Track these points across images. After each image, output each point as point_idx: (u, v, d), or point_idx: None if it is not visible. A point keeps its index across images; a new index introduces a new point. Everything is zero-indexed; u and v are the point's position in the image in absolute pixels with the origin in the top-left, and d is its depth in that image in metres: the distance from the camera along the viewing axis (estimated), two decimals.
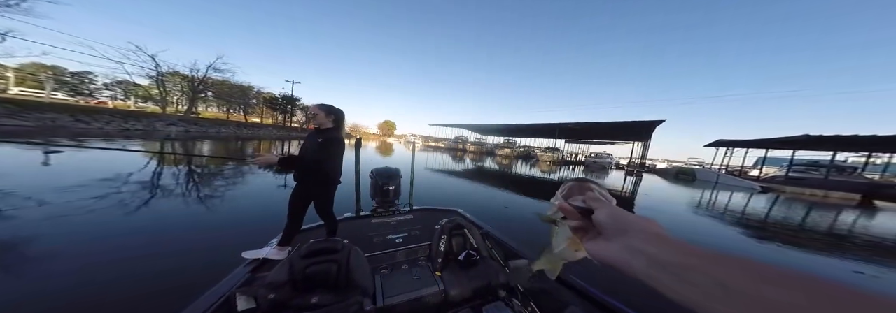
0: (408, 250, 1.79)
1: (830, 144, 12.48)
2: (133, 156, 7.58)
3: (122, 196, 3.68)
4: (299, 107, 40.26)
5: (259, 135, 25.78)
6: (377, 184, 2.27)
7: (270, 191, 4.71)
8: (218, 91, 30.69)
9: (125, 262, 2.06)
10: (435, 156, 18.58)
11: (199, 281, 1.36)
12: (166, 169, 6.21)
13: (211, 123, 23.51)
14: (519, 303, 1.39)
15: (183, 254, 2.23)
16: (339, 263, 1.36)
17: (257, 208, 3.66)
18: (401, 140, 59.42)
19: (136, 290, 1.75)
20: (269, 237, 1.77)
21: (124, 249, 2.24)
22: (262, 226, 2.87)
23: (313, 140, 1.70)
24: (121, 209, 3.20)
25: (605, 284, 1.29)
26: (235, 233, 2.71)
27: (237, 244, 1.71)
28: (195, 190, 4.51)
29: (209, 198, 3.99)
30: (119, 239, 2.41)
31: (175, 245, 2.39)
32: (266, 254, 1.56)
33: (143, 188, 4.24)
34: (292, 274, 1.26)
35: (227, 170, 6.46)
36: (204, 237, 2.61)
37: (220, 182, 5.22)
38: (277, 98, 37.31)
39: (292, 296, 1.19)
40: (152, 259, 2.13)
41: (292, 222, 1.71)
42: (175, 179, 5.13)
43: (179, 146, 10.92)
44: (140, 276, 1.90)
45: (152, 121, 17.95)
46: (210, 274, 1.40)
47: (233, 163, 7.71)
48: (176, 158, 8.02)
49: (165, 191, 4.22)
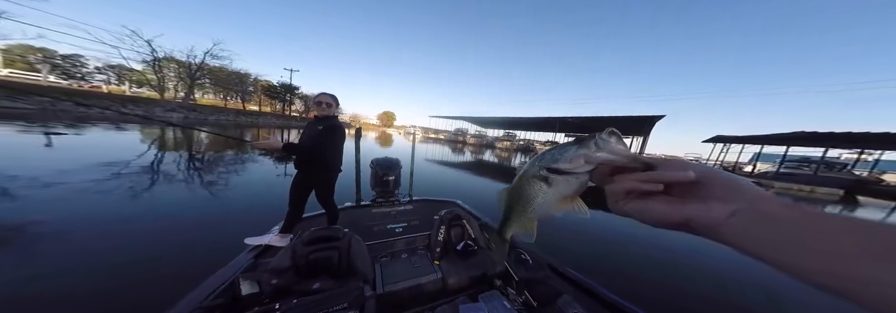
0: (407, 239, 1.81)
1: (823, 141, 12.54)
2: (134, 142, 7.50)
3: (126, 180, 3.67)
4: (298, 95, 39.33)
5: (258, 123, 25.48)
6: (377, 174, 2.25)
7: (271, 179, 4.71)
8: (215, 78, 29.83)
9: (129, 247, 2.07)
10: (435, 147, 18.51)
11: (201, 265, 1.37)
12: (169, 155, 6.17)
13: (210, 110, 23.08)
14: (513, 292, 1.43)
15: (186, 241, 2.24)
16: (341, 251, 1.37)
17: (258, 195, 3.67)
18: (400, 131, 58.67)
19: (140, 274, 1.77)
20: (270, 224, 1.77)
21: (128, 235, 2.26)
22: (263, 213, 2.88)
23: (314, 128, 1.66)
24: (128, 193, 3.21)
25: (597, 275, 1.32)
26: (237, 220, 2.73)
27: (239, 231, 1.71)
28: (198, 177, 4.50)
29: (211, 185, 3.99)
30: (122, 225, 2.42)
31: (178, 232, 2.41)
32: (268, 241, 1.57)
33: (148, 173, 4.24)
34: (295, 261, 1.27)
35: (229, 158, 6.44)
36: (208, 222, 2.62)
37: (222, 168, 5.22)
38: (276, 86, 36.49)
39: (295, 282, 1.21)
40: (156, 244, 2.15)
41: (294, 210, 1.70)
42: (177, 166, 5.11)
43: (180, 133, 10.80)
44: (144, 260, 1.92)
45: (151, 106, 17.63)
46: (213, 259, 1.41)
47: (235, 143, 7.61)
48: (178, 145, 7.95)
49: (168, 176, 4.22)
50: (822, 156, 13.48)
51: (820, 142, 12.72)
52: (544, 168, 0.29)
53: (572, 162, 0.27)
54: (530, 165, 0.32)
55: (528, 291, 1.36)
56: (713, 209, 0.20)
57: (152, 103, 18.24)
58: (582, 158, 0.27)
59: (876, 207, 8.74)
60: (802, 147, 14.25)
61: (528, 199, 0.32)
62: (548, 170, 0.29)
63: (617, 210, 0.25)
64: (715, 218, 0.20)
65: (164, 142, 8.14)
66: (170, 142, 8.49)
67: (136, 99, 17.76)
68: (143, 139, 8.13)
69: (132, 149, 6.14)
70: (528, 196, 0.32)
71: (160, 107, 18.18)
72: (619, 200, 0.25)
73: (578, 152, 0.27)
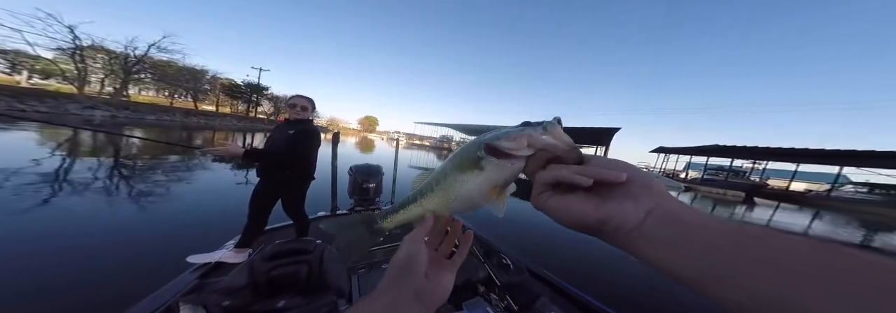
0: (387, 249, 1.69)
1: (729, 153, 15.89)
2: (26, 144, 5.98)
3: (22, 189, 2.85)
4: (267, 96, 35.95)
5: (213, 126, 22.44)
6: (356, 181, 2.11)
7: (225, 189, 4.11)
8: (160, 73, 25.86)
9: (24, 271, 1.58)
10: (419, 154, 18.26)
11: (126, 290, 1.09)
12: (80, 162, 5.02)
13: (149, 109, 19.73)
14: (496, 297, 1.41)
15: (92, 261, 1.79)
16: (311, 264, 1.22)
17: (206, 208, 3.15)
18: (383, 137, 56.44)
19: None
20: (222, 240, 1.52)
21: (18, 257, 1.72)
22: (212, 228, 2.46)
23: (284, 132, 1.52)
24: (19, 206, 2.48)
25: (572, 277, 1.37)
26: (177, 237, 2.28)
27: (180, 248, 1.43)
28: (125, 185, 3.72)
29: (144, 196, 3.32)
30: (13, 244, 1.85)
31: (85, 249, 1.91)
32: (220, 258, 1.33)
33: (50, 182, 3.36)
34: (253, 278, 1.09)
35: (169, 164, 5.45)
36: (135, 240, 2.14)
37: (160, 177, 4.39)
38: (239, 85, 32.99)
39: (252, 302, 1.03)
40: (55, 268, 1.67)
41: (255, 222, 1.49)
42: (93, 174, 4.17)
43: (102, 136, 8.96)
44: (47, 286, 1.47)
45: (63, 102, 14.39)
46: (135, 288, 1.13)
47: (181, 149, 6.42)
48: (97, 149, 6.52)
49: (82, 185, 3.40)
50: (729, 165, 17.18)
51: (727, 153, 16.06)
52: (484, 145, 0.27)
53: (516, 140, 0.25)
54: (468, 145, 0.29)
55: (509, 295, 1.36)
56: (629, 210, 0.19)
57: (65, 98, 14.93)
58: (526, 138, 0.25)
59: (766, 206, 10.81)
60: (717, 157, 17.62)
61: (452, 184, 0.29)
62: (487, 148, 0.27)
63: (538, 203, 0.23)
64: (632, 220, 0.18)
65: (76, 145, 6.64)
66: (85, 145, 6.95)
67: (38, 92, 14.30)
68: (41, 141, 6.50)
69: (23, 154, 4.87)
70: (454, 180, 0.29)
71: (76, 104, 14.96)
72: (544, 192, 0.23)
73: (524, 131, 0.26)
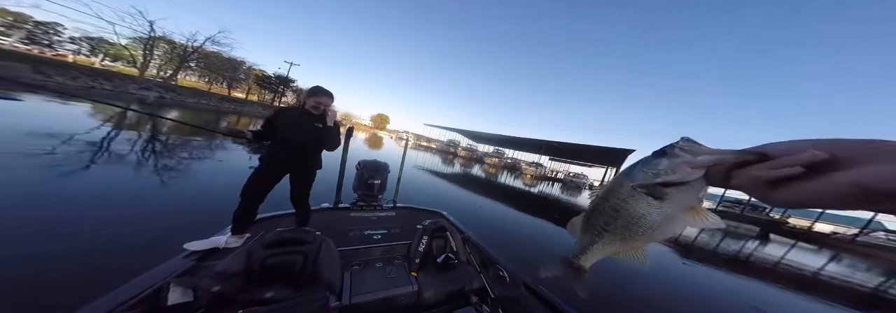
0: (385, 247, 1.65)
1: None
2: (81, 115, 6.50)
3: (58, 157, 3.07)
4: (292, 88, 37.73)
5: (241, 111, 23.62)
6: (363, 176, 2.09)
7: (246, 172, 4.25)
8: (207, 62, 27.94)
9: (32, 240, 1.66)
10: (425, 155, 18.15)
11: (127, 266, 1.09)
12: (123, 134, 5.39)
13: (190, 92, 21.14)
14: (488, 310, 1.35)
15: (116, 236, 1.85)
16: (307, 255, 1.20)
17: (221, 191, 3.25)
18: (393, 135, 56.53)
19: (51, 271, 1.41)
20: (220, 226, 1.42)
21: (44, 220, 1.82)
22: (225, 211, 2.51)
23: (308, 122, 1.48)
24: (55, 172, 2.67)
25: (571, 296, 1.25)
26: (191, 218, 2.34)
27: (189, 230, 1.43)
28: (153, 161, 3.93)
29: (167, 171, 3.49)
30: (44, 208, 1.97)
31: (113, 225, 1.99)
32: (223, 243, 1.28)
33: (89, 151, 3.62)
34: (249, 264, 1.07)
35: (198, 144, 5.76)
36: (164, 212, 2.21)
37: (187, 154, 4.63)
38: (270, 76, 34.80)
39: (242, 290, 1.00)
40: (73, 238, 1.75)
41: (248, 206, 1.42)
42: (131, 146, 4.46)
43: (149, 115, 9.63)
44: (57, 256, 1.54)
45: (125, 82, 15.79)
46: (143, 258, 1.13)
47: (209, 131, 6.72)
48: (139, 124, 7.01)
49: (115, 157, 3.63)
50: (748, 199, 15.70)
51: None
52: (648, 185, 0.26)
53: (678, 172, 0.25)
54: (618, 186, 0.29)
55: (502, 309, 1.29)
56: (860, 171, 0.17)
57: (128, 79, 16.38)
58: (685, 165, 0.25)
59: (781, 243, 10.00)
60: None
61: (634, 219, 0.28)
62: (657, 185, 0.26)
63: (774, 201, 0.21)
64: (872, 171, 0.16)
65: (122, 120, 7.15)
66: (130, 120, 7.48)
67: (107, 73, 15.80)
68: (93, 114, 7.05)
69: (75, 124, 5.27)
70: (634, 215, 0.28)
71: (135, 84, 16.36)
72: (770, 191, 0.21)
73: (674, 161, 0.25)
